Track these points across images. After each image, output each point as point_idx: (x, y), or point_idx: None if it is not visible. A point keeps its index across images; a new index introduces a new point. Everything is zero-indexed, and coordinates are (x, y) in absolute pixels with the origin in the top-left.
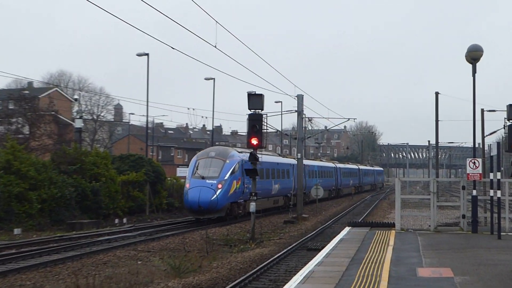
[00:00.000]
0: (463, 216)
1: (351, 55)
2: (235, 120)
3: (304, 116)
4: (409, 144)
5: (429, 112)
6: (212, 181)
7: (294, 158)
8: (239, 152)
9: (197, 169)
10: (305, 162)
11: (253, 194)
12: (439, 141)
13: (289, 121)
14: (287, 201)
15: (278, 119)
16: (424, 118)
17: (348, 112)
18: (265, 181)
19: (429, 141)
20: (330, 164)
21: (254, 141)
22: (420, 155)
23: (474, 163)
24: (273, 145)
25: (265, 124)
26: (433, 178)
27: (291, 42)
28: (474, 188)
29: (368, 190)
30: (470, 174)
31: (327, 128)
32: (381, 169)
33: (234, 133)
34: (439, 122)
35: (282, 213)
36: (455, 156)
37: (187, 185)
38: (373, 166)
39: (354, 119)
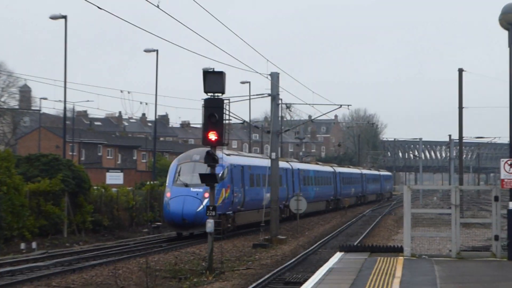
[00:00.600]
0: (496, 238)
1: (344, 21)
2: (187, 108)
3: (280, 102)
4: (422, 139)
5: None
6: (197, 189)
7: (286, 161)
8: (227, 155)
9: (179, 175)
10: (299, 165)
11: (211, 208)
12: (463, 135)
13: (261, 109)
14: (280, 213)
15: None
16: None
17: (341, 98)
18: (255, 189)
19: (450, 136)
20: (328, 169)
21: (212, 136)
22: (438, 155)
23: (511, 165)
24: (238, 141)
25: (228, 112)
26: (455, 186)
27: (263, 2)
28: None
29: (373, 201)
30: (506, 180)
31: (312, 118)
32: (389, 173)
33: (185, 125)
34: (463, 109)
35: (251, 233)
36: (484, 156)
37: (167, 194)
38: (379, 170)
39: (348, 106)
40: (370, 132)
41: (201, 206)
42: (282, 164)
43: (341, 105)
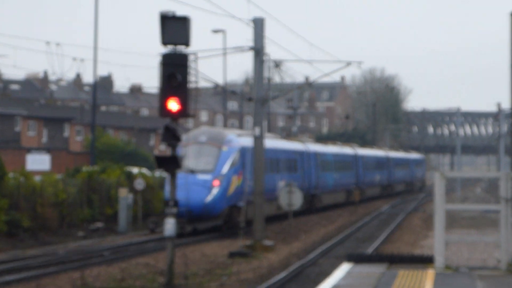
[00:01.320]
0: None
1: None
2: (138, 66)
3: (267, 58)
4: (461, 110)
5: (497, 53)
6: (205, 177)
7: (300, 142)
8: (237, 136)
9: (183, 159)
10: (315, 147)
11: (172, 202)
12: None
13: (240, 68)
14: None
15: (218, 63)
16: (488, 64)
17: (349, 54)
18: (268, 176)
19: (499, 105)
20: (348, 151)
21: (173, 105)
22: (483, 130)
23: None
24: (209, 112)
25: (195, 72)
26: (506, 173)
27: None
28: None
29: (401, 192)
30: None
31: (310, 81)
32: (421, 156)
33: (136, 90)
34: None
35: (225, 237)
36: None
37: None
38: (407, 152)
39: (359, 63)
40: (389, 99)
41: (210, 196)
42: (296, 145)
43: (349, 63)
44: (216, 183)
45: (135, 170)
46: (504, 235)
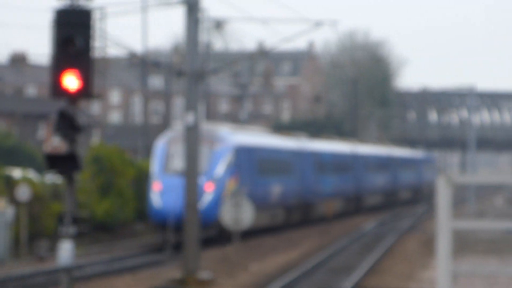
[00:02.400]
0: None
1: None
2: (22, 26)
3: (205, 15)
4: (476, 90)
5: None
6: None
7: (294, 137)
8: (232, 133)
9: (170, 159)
10: (312, 145)
11: (70, 219)
12: None
13: (167, 31)
14: (287, 214)
15: (135, 24)
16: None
17: (321, 11)
18: (262, 179)
19: None
20: (345, 148)
21: (71, 81)
22: (507, 118)
23: None
24: (122, 91)
25: (101, 35)
26: None
27: None
28: None
29: (407, 201)
30: None
31: (265, 48)
32: (430, 155)
33: (19, 60)
34: None
35: (148, 265)
36: None
37: (155, 186)
38: (415, 149)
39: (333, 23)
40: (375, 74)
41: (203, 202)
42: (290, 143)
43: (320, 22)
44: (209, 187)
45: (17, 173)
46: None
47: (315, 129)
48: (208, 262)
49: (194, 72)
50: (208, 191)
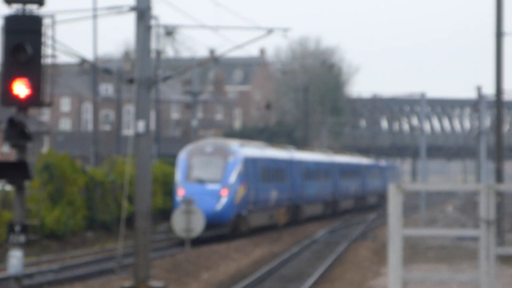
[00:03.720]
0: None
1: None
2: None
3: (156, 22)
4: (426, 96)
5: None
6: (214, 186)
7: (284, 149)
8: (240, 146)
9: (191, 170)
10: (298, 155)
11: (19, 228)
12: (503, 87)
13: (118, 38)
14: (286, 214)
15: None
16: (464, 38)
17: (273, 19)
18: (263, 185)
19: (478, 89)
20: (326, 158)
21: (21, 89)
22: (457, 125)
23: None
24: (73, 98)
25: (52, 42)
26: (488, 185)
27: None
28: None
29: (373, 206)
30: None
31: (216, 55)
32: (393, 164)
33: None
34: (502, 36)
35: (99, 274)
36: None
37: (179, 192)
38: (378, 159)
39: (285, 31)
40: (327, 82)
41: (220, 205)
42: (283, 153)
43: (271, 30)
44: (225, 192)
45: None
46: (484, 271)
47: (266, 136)
48: (160, 270)
49: (144, 79)
50: (224, 195)
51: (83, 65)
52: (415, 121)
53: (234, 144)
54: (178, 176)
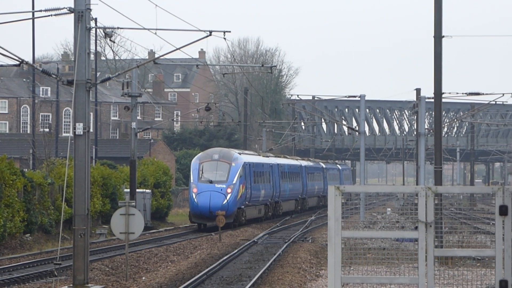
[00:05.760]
0: (503, 285)
1: None
2: None
3: (95, 24)
4: (366, 97)
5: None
6: (221, 186)
7: (267, 155)
8: (240, 154)
9: (202, 172)
10: (277, 160)
11: None
12: (442, 91)
13: (57, 39)
14: (266, 210)
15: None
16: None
17: (213, 22)
18: (255, 185)
19: (417, 91)
20: (296, 162)
21: None
22: (395, 127)
23: None
24: (10, 101)
25: None
26: (426, 187)
27: None
28: None
29: (313, 208)
30: None
31: (155, 57)
32: (348, 166)
33: None
34: (443, 39)
35: (38, 276)
36: (484, 131)
37: (194, 190)
38: (334, 162)
39: (224, 33)
40: (267, 83)
41: (226, 200)
42: (266, 159)
43: (211, 32)
44: (229, 190)
45: None
46: (423, 273)
47: (206, 138)
48: (99, 273)
49: (82, 81)
50: (229, 193)
51: (21, 66)
52: (354, 123)
53: (235, 152)
54: (193, 177)
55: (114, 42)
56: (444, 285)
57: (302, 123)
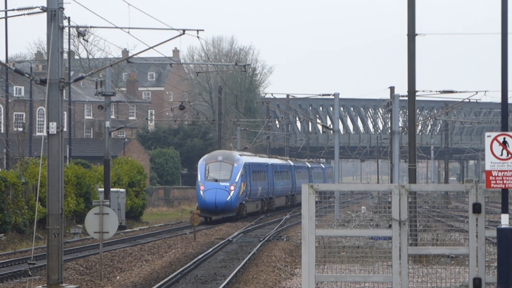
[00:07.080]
0: (477, 283)
1: None
2: None
3: (68, 23)
4: (340, 96)
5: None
6: (225, 184)
7: (261, 156)
8: (241, 156)
9: (208, 172)
10: (270, 160)
11: None
12: (416, 89)
13: (30, 38)
14: (262, 205)
15: None
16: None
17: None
18: (254, 183)
19: (391, 89)
20: (286, 162)
21: None
22: (370, 126)
23: (505, 143)
24: None
25: None
26: (400, 185)
27: None
28: (505, 211)
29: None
30: (495, 174)
31: (129, 55)
32: (330, 165)
33: None
34: (416, 36)
35: (12, 276)
36: (458, 129)
37: (201, 187)
38: (318, 161)
39: (197, 31)
40: (241, 82)
41: (229, 197)
42: (261, 159)
43: (184, 31)
44: (232, 188)
45: None
46: (397, 271)
47: (180, 137)
48: (73, 272)
49: (55, 80)
50: (232, 190)
51: None
52: (328, 121)
53: (237, 154)
54: (200, 176)
55: (87, 41)
56: (418, 283)
57: (277, 122)
